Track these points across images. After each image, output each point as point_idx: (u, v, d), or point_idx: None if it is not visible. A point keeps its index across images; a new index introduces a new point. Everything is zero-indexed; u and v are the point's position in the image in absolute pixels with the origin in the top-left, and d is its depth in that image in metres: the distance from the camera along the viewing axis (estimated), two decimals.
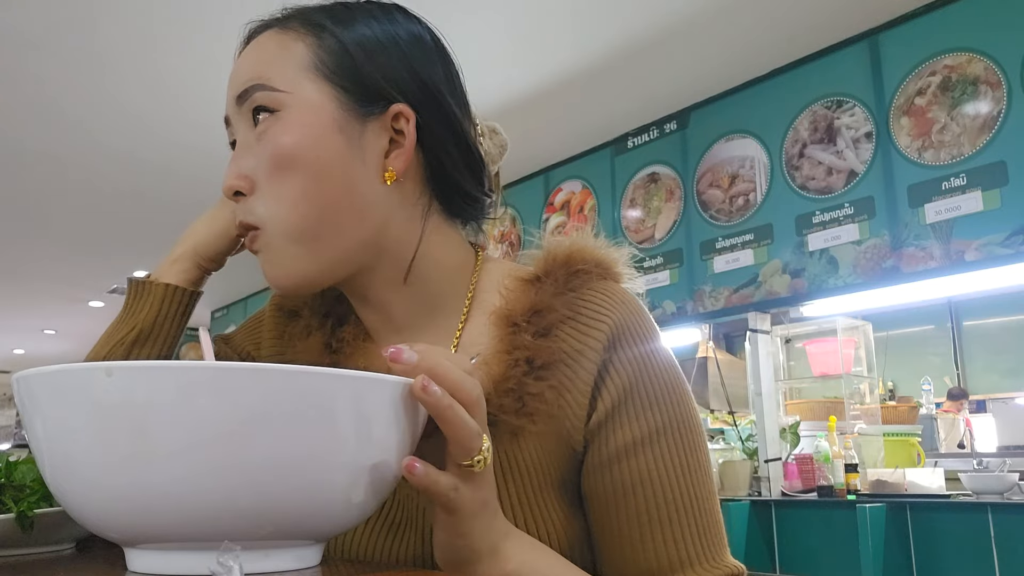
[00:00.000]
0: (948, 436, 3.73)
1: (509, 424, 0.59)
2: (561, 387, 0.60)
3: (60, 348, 10.15)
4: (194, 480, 0.40)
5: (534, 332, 0.61)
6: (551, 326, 0.61)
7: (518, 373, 0.60)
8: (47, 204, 4.89)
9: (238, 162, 0.62)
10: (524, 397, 0.59)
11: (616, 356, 0.61)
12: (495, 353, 0.61)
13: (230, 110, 0.65)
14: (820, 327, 3.17)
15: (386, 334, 0.68)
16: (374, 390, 0.45)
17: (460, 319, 0.66)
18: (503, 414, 0.59)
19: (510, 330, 0.62)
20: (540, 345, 0.60)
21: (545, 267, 0.64)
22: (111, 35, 3.02)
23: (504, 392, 0.59)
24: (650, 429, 0.60)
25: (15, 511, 0.58)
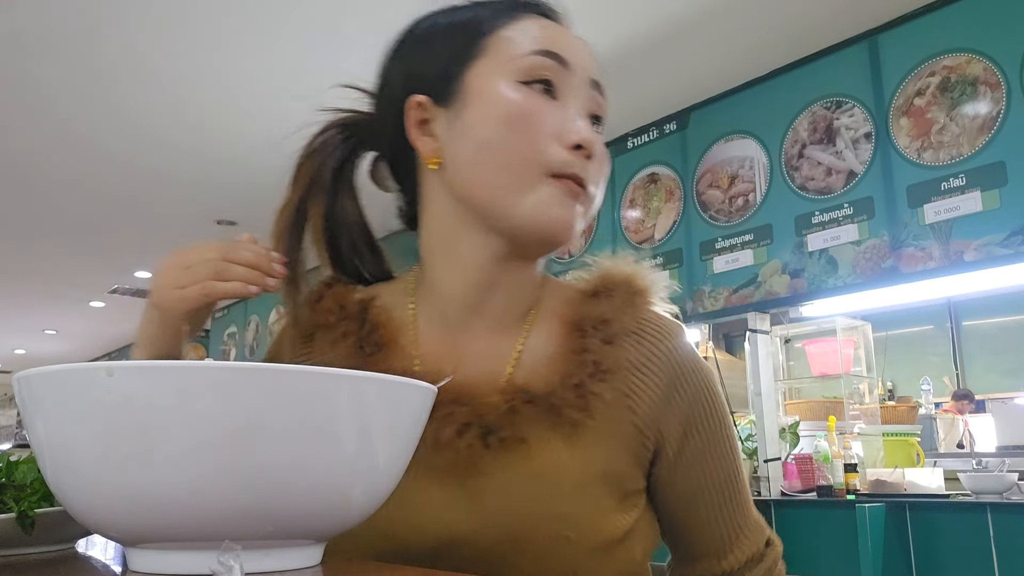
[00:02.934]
0: (947, 436, 3.74)
1: (571, 417, 0.65)
2: (629, 392, 0.68)
3: (61, 348, 10.16)
4: (195, 480, 0.40)
5: (600, 339, 0.68)
6: (616, 336, 0.69)
7: (583, 373, 0.66)
8: (47, 205, 4.89)
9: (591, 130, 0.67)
10: (587, 395, 0.66)
11: (681, 375, 0.70)
12: (563, 353, 0.68)
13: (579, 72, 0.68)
14: (819, 327, 3.17)
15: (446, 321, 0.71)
16: (375, 390, 0.45)
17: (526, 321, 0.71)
18: (566, 407, 0.65)
19: (578, 334, 0.68)
20: (605, 351, 0.68)
21: (605, 284, 0.72)
22: (110, 40, 3.02)
23: (568, 387, 0.66)
24: (713, 436, 0.72)
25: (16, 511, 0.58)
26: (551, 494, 0.63)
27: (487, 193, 0.65)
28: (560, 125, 0.65)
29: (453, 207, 0.68)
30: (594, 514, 0.65)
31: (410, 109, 0.68)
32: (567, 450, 0.65)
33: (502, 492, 0.63)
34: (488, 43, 0.67)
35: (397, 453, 0.48)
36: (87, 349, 10.24)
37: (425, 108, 0.68)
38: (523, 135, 0.63)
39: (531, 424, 0.64)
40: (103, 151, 4.06)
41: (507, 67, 0.65)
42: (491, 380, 0.67)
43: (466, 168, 0.66)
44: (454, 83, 0.66)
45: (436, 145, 0.67)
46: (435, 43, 0.69)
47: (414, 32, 0.72)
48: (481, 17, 0.68)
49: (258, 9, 2.84)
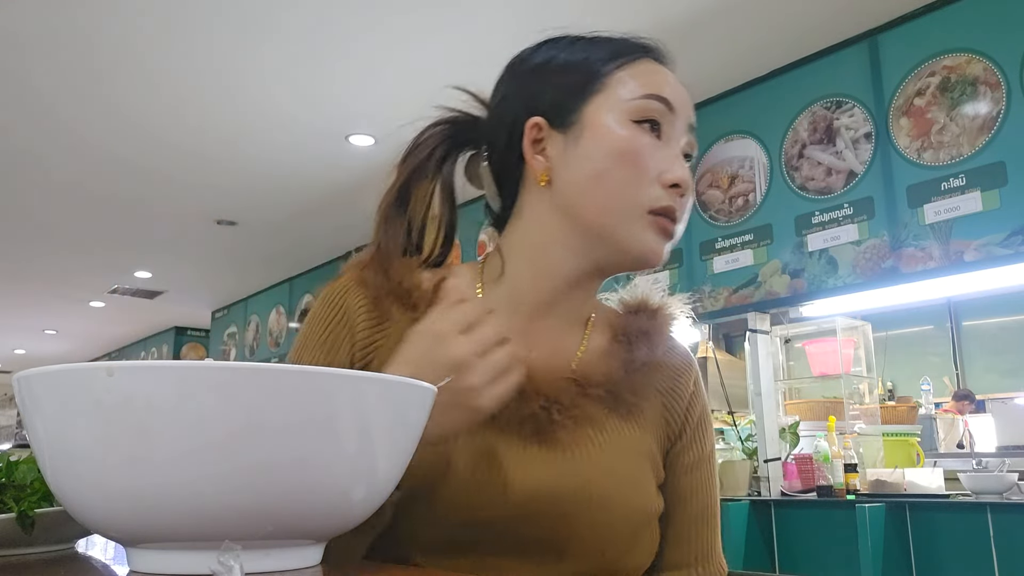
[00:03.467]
0: (947, 436, 3.74)
1: (625, 399, 0.77)
2: (663, 389, 0.82)
3: (61, 348, 10.16)
4: (195, 480, 0.40)
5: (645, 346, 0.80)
6: (655, 348, 0.81)
7: (633, 367, 0.78)
8: (47, 205, 4.89)
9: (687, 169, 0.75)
10: (636, 384, 0.78)
11: (696, 392, 0.84)
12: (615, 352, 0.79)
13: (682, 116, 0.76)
14: (819, 327, 3.17)
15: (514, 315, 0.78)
16: (375, 390, 0.45)
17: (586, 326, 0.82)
18: (622, 391, 0.77)
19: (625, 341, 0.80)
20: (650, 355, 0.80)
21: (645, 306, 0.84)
22: (110, 40, 3.02)
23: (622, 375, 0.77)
24: (706, 451, 0.84)
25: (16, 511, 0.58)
26: (615, 458, 0.75)
27: (592, 217, 0.73)
28: (662, 164, 0.73)
29: (553, 221, 0.76)
30: (645, 485, 0.77)
31: (528, 128, 0.76)
32: (625, 428, 0.77)
33: (576, 454, 0.73)
34: (606, 82, 0.75)
35: (397, 453, 0.48)
36: (87, 349, 10.25)
37: (541, 129, 0.76)
38: (631, 170, 0.72)
39: (595, 405, 0.76)
40: (103, 151, 4.06)
41: (622, 106, 0.73)
42: (560, 370, 0.77)
43: (576, 191, 0.74)
44: (573, 114, 0.75)
45: (548, 164, 0.75)
46: (556, 75, 0.77)
47: (533, 60, 0.80)
48: (600, 57, 0.77)
49: (258, 10, 2.84)
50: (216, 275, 6.41)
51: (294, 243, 5.55)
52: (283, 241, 5.52)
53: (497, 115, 0.79)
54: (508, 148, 0.78)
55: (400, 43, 2.98)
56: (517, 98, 0.78)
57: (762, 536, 2.72)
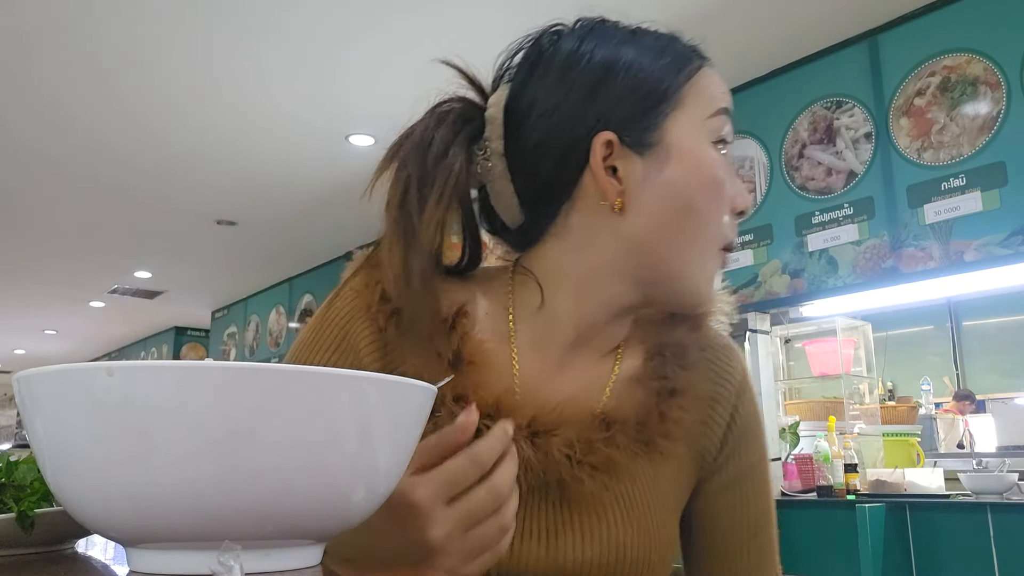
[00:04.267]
0: (947, 436, 3.74)
1: (657, 444, 0.68)
2: (704, 422, 0.72)
3: (61, 348, 10.16)
4: (195, 480, 0.40)
5: (679, 364, 0.70)
6: (692, 363, 0.71)
7: (663, 401, 0.69)
8: (47, 205, 4.89)
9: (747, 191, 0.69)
10: (669, 423, 0.68)
11: (741, 403, 0.74)
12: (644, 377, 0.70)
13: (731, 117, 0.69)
14: (820, 327, 3.17)
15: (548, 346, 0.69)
16: (375, 390, 0.45)
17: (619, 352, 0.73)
18: (654, 436, 0.68)
19: (659, 360, 0.71)
20: (683, 377, 0.70)
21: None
22: (110, 40, 3.02)
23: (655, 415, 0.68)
24: (753, 462, 0.75)
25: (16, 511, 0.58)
26: (642, 520, 0.67)
27: (669, 253, 0.65)
28: (733, 190, 0.67)
29: (615, 250, 0.66)
30: (670, 537, 0.70)
31: (599, 145, 0.65)
32: (654, 478, 0.69)
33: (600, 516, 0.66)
34: (684, 94, 0.66)
35: (398, 453, 0.48)
36: (87, 349, 10.25)
37: (613, 147, 0.65)
38: (718, 204, 0.66)
39: (627, 455, 0.67)
40: (103, 151, 4.06)
41: (703, 126, 0.66)
42: (587, 407, 0.68)
43: (657, 223, 0.65)
44: (652, 132, 0.65)
45: (621, 188, 0.65)
46: (628, 83, 0.66)
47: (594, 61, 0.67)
48: (670, 64, 0.67)
49: (258, 10, 2.84)
50: (216, 275, 6.42)
51: (294, 243, 5.55)
52: (283, 241, 5.52)
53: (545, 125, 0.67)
54: (562, 163, 0.66)
55: (400, 43, 2.98)
56: (578, 109, 0.66)
57: None
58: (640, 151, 0.65)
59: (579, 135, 0.65)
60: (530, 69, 0.70)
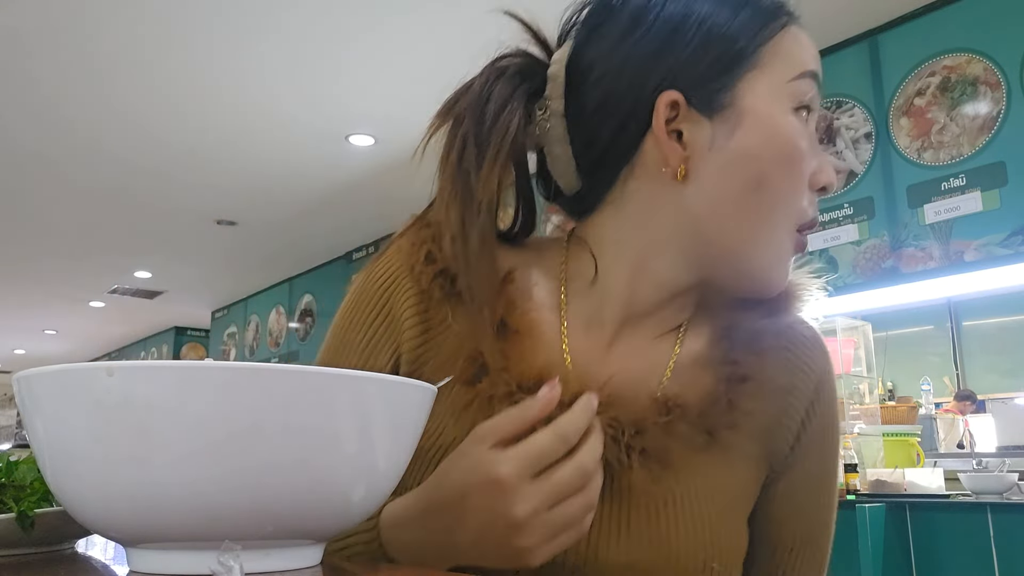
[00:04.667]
0: (947, 436, 3.73)
1: (722, 437, 0.62)
2: (777, 415, 0.65)
3: (60, 348, 10.16)
4: (195, 480, 0.40)
5: (751, 350, 0.64)
6: (766, 350, 0.64)
7: (731, 389, 0.62)
8: (47, 205, 4.89)
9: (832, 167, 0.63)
10: (736, 414, 0.62)
11: (819, 400, 0.66)
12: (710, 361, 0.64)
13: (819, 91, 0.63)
14: (820, 327, 3.16)
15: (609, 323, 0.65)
16: (375, 390, 0.45)
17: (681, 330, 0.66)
18: (718, 427, 0.61)
19: (728, 343, 0.64)
20: (755, 363, 0.63)
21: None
22: (110, 40, 3.02)
23: (720, 404, 0.62)
24: (826, 465, 0.68)
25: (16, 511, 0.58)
26: (699, 520, 0.61)
27: (735, 231, 0.60)
28: (814, 162, 0.61)
29: (677, 222, 0.61)
30: (735, 540, 0.63)
31: (663, 105, 0.59)
32: (716, 474, 0.62)
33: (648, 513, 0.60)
34: (764, 54, 0.60)
35: (398, 453, 0.48)
36: (87, 349, 10.25)
37: (679, 109, 0.59)
38: (795, 178, 0.60)
39: (686, 445, 0.61)
40: (103, 151, 4.06)
41: (783, 90, 0.60)
42: (645, 389, 0.62)
43: (724, 198, 0.60)
44: (724, 94, 0.59)
45: (685, 154, 0.60)
46: (698, 39, 0.59)
47: (665, 15, 0.60)
48: (750, 20, 0.61)
49: (258, 10, 2.84)
50: (216, 275, 6.42)
51: (294, 243, 5.55)
52: (283, 241, 5.52)
53: (608, 83, 0.61)
54: (623, 125, 0.61)
55: (400, 43, 2.98)
56: (645, 66, 0.60)
57: None
58: (709, 114, 0.59)
59: (643, 95, 0.60)
60: (596, 23, 0.63)
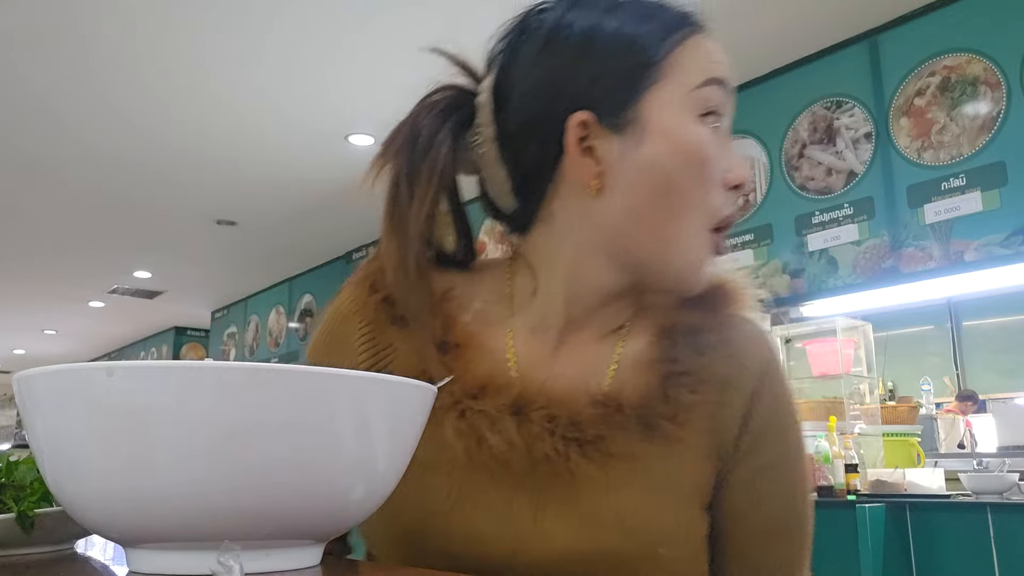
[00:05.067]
0: (948, 436, 3.73)
1: (663, 428, 0.64)
2: (718, 405, 0.66)
3: (60, 348, 10.16)
4: (194, 480, 0.40)
5: (692, 348, 0.66)
6: (707, 347, 0.67)
7: (672, 384, 0.65)
8: (47, 205, 4.89)
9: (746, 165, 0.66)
10: (678, 408, 0.64)
11: (763, 388, 0.67)
12: (652, 361, 0.66)
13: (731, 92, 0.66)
14: (820, 327, 3.16)
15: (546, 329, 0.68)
16: (375, 390, 0.45)
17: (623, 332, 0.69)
18: (659, 419, 0.63)
19: (669, 343, 0.67)
20: (695, 361, 0.66)
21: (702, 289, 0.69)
22: (108, 40, 3.02)
23: (661, 399, 0.64)
24: (781, 455, 0.68)
25: (16, 511, 0.58)
26: (642, 508, 0.62)
27: (650, 236, 0.63)
28: (725, 163, 0.64)
29: (596, 233, 0.65)
30: (685, 528, 0.64)
31: (574, 126, 0.62)
32: (659, 463, 0.64)
33: (598, 510, 0.62)
34: (665, 67, 0.63)
35: (397, 453, 0.48)
36: (87, 349, 10.25)
37: (589, 127, 0.62)
38: (705, 183, 0.62)
39: (625, 435, 0.63)
40: (103, 151, 4.06)
41: (687, 99, 0.62)
42: (587, 390, 0.64)
43: (637, 206, 0.63)
44: (630, 109, 0.62)
45: (599, 169, 0.63)
46: (606, 57, 0.63)
47: (573, 33, 0.64)
48: (654, 32, 0.64)
49: (258, 10, 2.84)
50: (216, 275, 6.42)
51: (294, 243, 5.55)
52: (283, 241, 5.52)
53: (525, 105, 0.65)
54: (541, 145, 0.64)
55: (400, 42, 2.98)
56: (555, 86, 0.63)
57: None
58: (618, 129, 0.62)
59: (556, 114, 0.63)
60: (516, 47, 0.67)
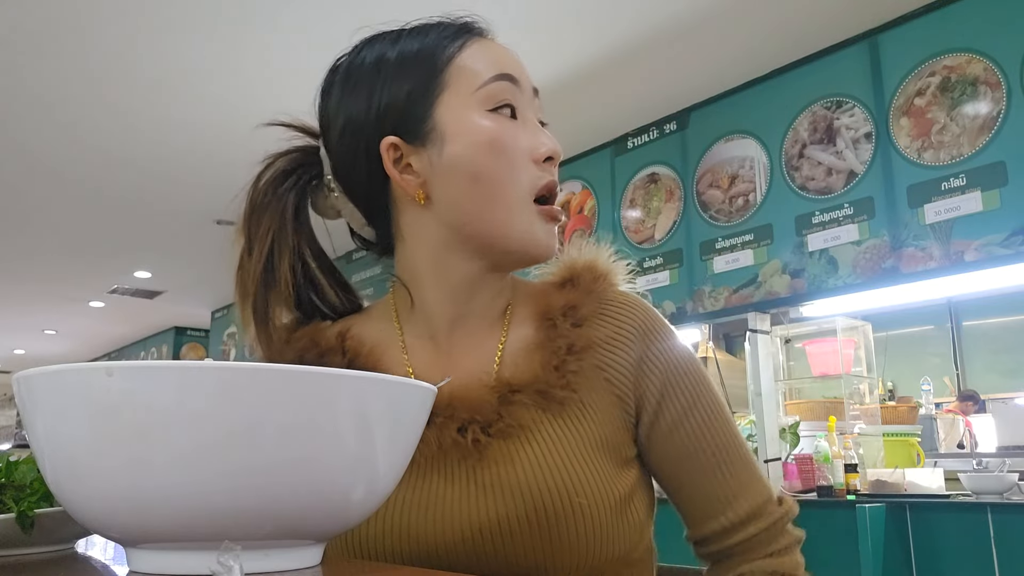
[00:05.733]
0: (948, 436, 3.74)
1: (556, 395, 0.71)
2: (601, 365, 0.73)
3: (60, 348, 10.16)
4: (194, 480, 0.40)
5: (571, 324, 0.73)
6: (584, 318, 0.74)
7: (560, 355, 0.72)
8: (47, 205, 4.89)
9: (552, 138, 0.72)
10: (567, 375, 0.71)
11: (649, 346, 0.75)
12: (539, 343, 0.73)
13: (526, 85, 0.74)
14: (820, 327, 3.17)
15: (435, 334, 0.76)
16: (374, 390, 0.45)
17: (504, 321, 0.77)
18: (551, 388, 0.70)
19: (549, 324, 0.74)
20: (576, 333, 0.73)
21: (570, 273, 0.78)
22: (109, 39, 3.02)
23: (549, 370, 0.71)
24: (691, 401, 0.74)
25: (16, 511, 0.58)
26: (557, 468, 0.68)
27: (480, 224, 0.70)
28: (529, 143, 0.70)
29: (440, 235, 0.72)
30: (600, 479, 0.69)
31: (384, 151, 0.71)
32: (561, 427, 0.70)
33: (513, 476, 0.67)
34: (448, 75, 0.70)
35: (397, 453, 0.48)
36: (87, 349, 10.24)
37: (399, 148, 0.71)
38: (506, 163, 0.69)
39: (524, 411, 0.70)
40: (103, 150, 4.06)
41: (473, 98, 0.69)
42: (481, 381, 0.71)
43: (458, 202, 0.70)
44: (425, 122, 0.70)
45: (420, 180, 0.71)
46: (394, 80, 0.71)
47: (363, 70, 0.72)
48: (433, 47, 0.71)
49: (259, 9, 2.84)
50: (216, 275, 6.41)
51: None
52: None
53: (344, 144, 0.73)
54: (369, 175, 0.72)
55: None
56: (361, 120, 0.71)
57: None
58: (422, 142, 0.70)
59: (371, 145, 0.71)
60: (327, 95, 0.76)
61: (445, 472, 0.68)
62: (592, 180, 3.87)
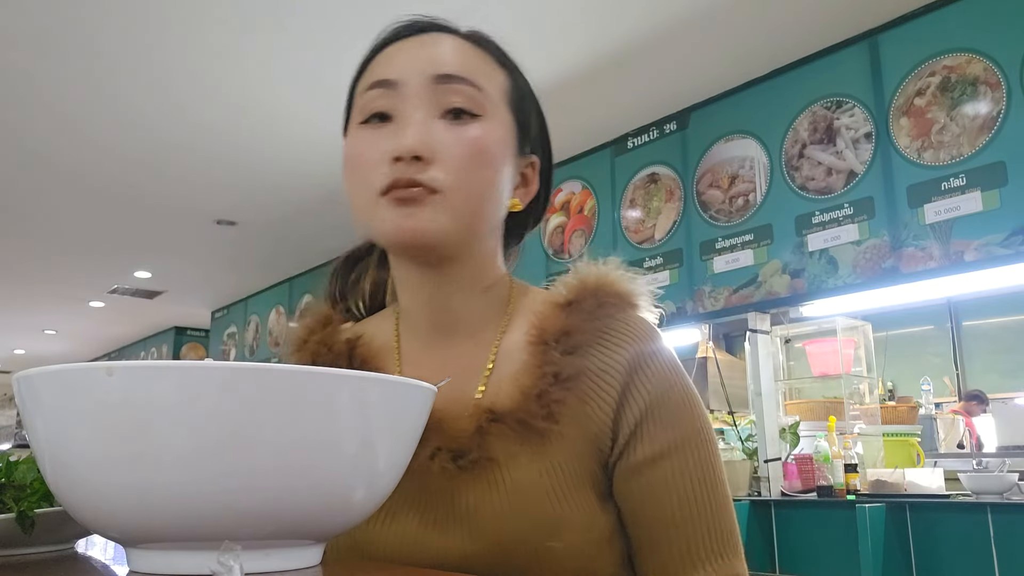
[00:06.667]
0: (948, 436, 3.74)
1: (536, 427, 0.67)
2: (585, 396, 0.69)
3: (60, 348, 10.16)
4: (195, 480, 0.40)
5: (562, 351, 0.70)
6: (578, 346, 0.70)
7: (545, 384, 0.68)
8: (47, 205, 4.89)
9: (425, 131, 0.67)
10: (550, 404, 0.67)
11: (637, 379, 0.69)
12: (527, 368, 0.70)
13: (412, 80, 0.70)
14: (820, 327, 3.17)
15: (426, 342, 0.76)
16: (375, 390, 0.45)
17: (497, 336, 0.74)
18: (531, 419, 0.67)
19: (542, 348, 0.70)
20: (566, 361, 0.69)
21: (577, 295, 0.74)
22: (110, 39, 3.02)
23: (532, 399, 0.68)
24: (669, 444, 0.68)
25: (16, 511, 0.58)
26: (529, 507, 0.65)
27: (360, 232, 0.73)
28: (390, 145, 0.68)
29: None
30: (578, 518, 0.65)
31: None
32: (539, 461, 0.66)
33: (482, 512, 0.65)
34: (355, 102, 0.73)
35: (397, 453, 0.48)
36: (87, 349, 10.24)
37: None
38: (357, 174, 0.70)
39: (500, 442, 0.67)
40: (104, 150, 4.06)
41: (355, 118, 0.72)
42: (461, 403, 0.69)
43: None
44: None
45: None
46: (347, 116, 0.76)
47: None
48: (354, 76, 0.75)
49: (260, 9, 2.84)
50: (216, 275, 6.41)
51: (294, 243, 5.55)
52: (283, 241, 5.52)
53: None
54: None
55: None
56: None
57: (762, 536, 2.72)
58: None
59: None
60: None
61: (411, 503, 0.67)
62: (592, 180, 3.87)
